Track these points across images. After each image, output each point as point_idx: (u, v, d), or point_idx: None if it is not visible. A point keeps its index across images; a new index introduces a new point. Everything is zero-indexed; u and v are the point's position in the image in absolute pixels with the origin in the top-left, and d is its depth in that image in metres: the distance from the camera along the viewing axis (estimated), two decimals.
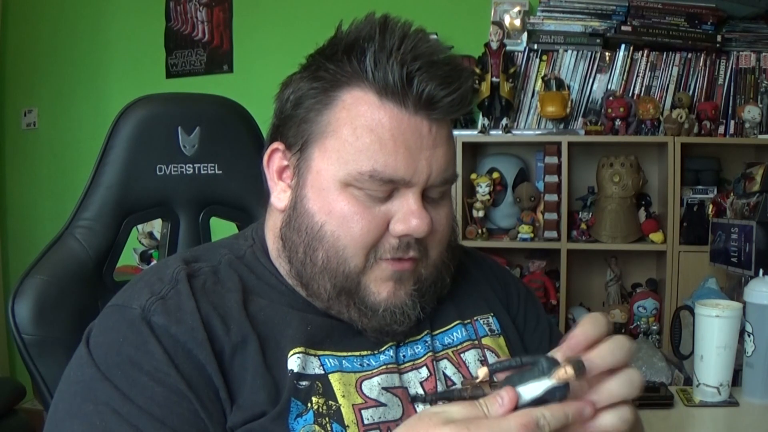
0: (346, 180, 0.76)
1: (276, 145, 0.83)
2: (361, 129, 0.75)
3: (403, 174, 0.75)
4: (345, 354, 0.79)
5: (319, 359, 0.77)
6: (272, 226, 0.85)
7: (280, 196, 0.83)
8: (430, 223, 0.77)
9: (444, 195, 0.81)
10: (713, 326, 1.34)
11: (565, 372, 0.57)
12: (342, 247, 0.77)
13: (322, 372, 0.76)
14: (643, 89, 2.56)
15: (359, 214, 0.76)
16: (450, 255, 0.85)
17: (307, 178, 0.79)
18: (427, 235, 0.78)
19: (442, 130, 0.78)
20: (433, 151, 0.76)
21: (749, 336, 1.37)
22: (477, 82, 2.51)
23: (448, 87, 0.75)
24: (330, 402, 0.74)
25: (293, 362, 0.75)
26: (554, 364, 0.58)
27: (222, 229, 1.16)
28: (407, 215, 0.76)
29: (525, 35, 2.63)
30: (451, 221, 0.83)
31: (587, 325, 0.62)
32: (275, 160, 0.83)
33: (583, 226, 2.50)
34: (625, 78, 2.57)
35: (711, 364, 1.34)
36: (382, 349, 0.81)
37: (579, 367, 0.57)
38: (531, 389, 0.58)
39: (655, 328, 2.45)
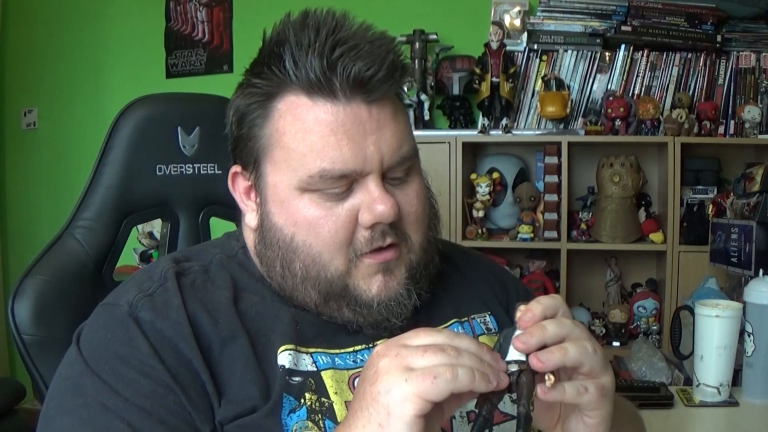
0: (300, 186, 0.75)
1: (234, 168, 0.83)
2: (301, 132, 0.75)
3: (353, 166, 0.74)
4: (338, 351, 0.79)
5: (312, 356, 0.77)
6: (250, 245, 0.85)
7: (251, 216, 0.83)
8: (396, 206, 0.76)
9: (410, 172, 0.80)
10: (713, 326, 1.34)
11: (518, 310, 0.64)
12: (317, 253, 0.77)
13: (315, 369, 0.76)
14: (643, 89, 2.56)
15: (324, 217, 0.76)
16: (434, 233, 0.84)
17: (267, 194, 0.79)
18: (398, 218, 0.77)
19: (385, 109, 0.76)
20: (379, 134, 0.75)
21: (749, 336, 1.37)
22: (477, 82, 2.51)
23: (374, 65, 0.73)
24: (323, 399, 0.74)
25: (283, 358, 0.75)
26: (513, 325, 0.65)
27: (222, 229, 1.15)
28: (371, 203, 0.75)
29: (525, 35, 2.63)
30: (424, 200, 0.82)
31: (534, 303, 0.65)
32: (239, 182, 0.84)
33: (583, 226, 2.50)
34: (625, 78, 2.57)
35: (711, 364, 1.34)
36: (377, 343, 0.81)
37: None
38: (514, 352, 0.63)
39: (655, 328, 2.45)
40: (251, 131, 0.78)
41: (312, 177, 0.74)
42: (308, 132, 0.74)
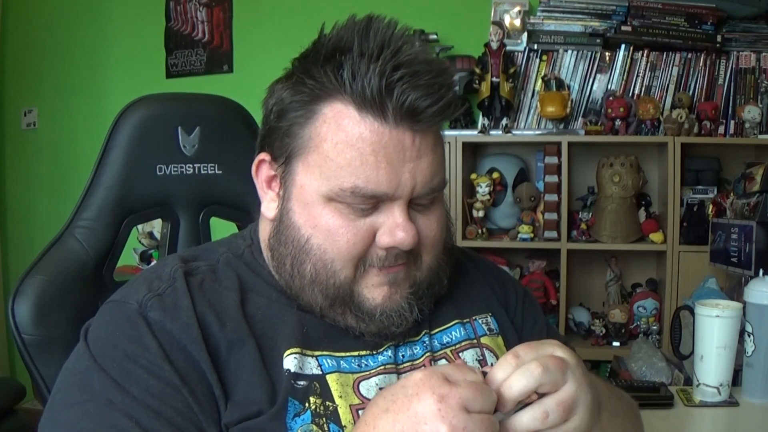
0: (329, 195, 0.76)
1: (263, 155, 0.83)
2: (342, 144, 0.74)
3: (385, 189, 0.74)
4: (343, 354, 0.79)
5: (317, 359, 0.77)
6: (263, 235, 0.85)
7: (269, 205, 0.83)
8: (416, 236, 0.77)
9: (434, 201, 0.80)
10: (713, 326, 1.34)
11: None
12: (330, 259, 0.77)
13: (320, 372, 0.76)
14: (643, 89, 2.56)
15: (344, 227, 0.76)
16: (446, 257, 0.85)
17: (292, 192, 0.79)
18: (416, 245, 0.77)
19: (427, 139, 0.76)
20: (416, 163, 0.75)
21: (749, 336, 1.37)
22: (477, 82, 2.51)
23: (430, 97, 0.73)
24: (327, 402, 0.75)
25: (289, 362, 0.75)
26: None
27: (222, 229, 1.16)
28: (393, 228, 0.76)
29: (525, 35, 2.63)
30: (443, 225, 0.82)
31: (496, 371, 0.64)
32: (263, 169, 0.83)
33: (583, 226, 2.50)
34: (625, 78, 2.57)
35: (711, 364, 1.34)
36: (381, 349, 0.81)
37: None
38: None
39: (655, 328, 2.45)
40: (291, 128, 0.78)
41: (343, 191, 0.74)
42: (349, 146, 0.74)
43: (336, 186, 0.75)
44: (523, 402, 0.64)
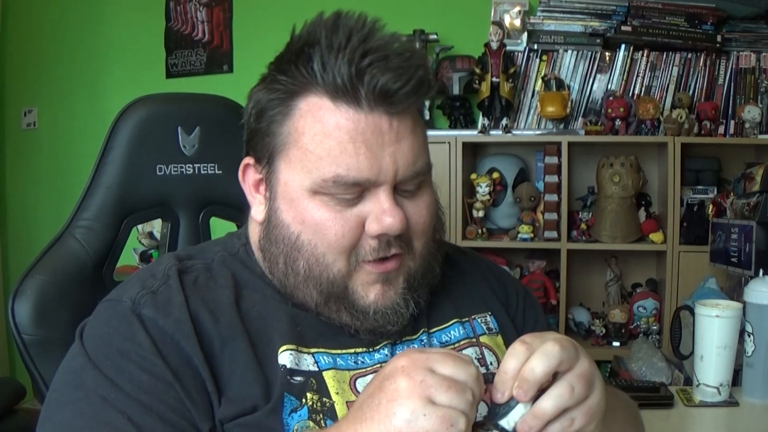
0: (313, 188, 0.76)
1: (247, 160, 0.83)
2: (320, 135, 0.75)
3: (367, 175, 0.74)
4: (339, 351, 0.79)
5: (313, 356, 0.77)
6: (253, 237, 0.85)
7: (258, 209, 0.83)
8: (404, 220, 0.76)
9: (421, 186, 0.80)
10: (713, 326, 1.34)
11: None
12: (321, 254, 0.77)
13: (317, 369, 0.77)
14: (643, 89, 2.56)
15: (332, 219, 0.76)
16: (436, 245, 0.84)
17: (278, 190, 0.79)
18: (405, 230, 0.77)
19: (405, 122, 0.76)
20: (396, 146, 0.75)
21: (749, 336, 1.37)
22: (477, 82, 2.51)
23: (401, 78, 0.73)
24: (324, 399, 0.75)
25: (284, 358, 0.75)
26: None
27: (222, 229, 1.16)
28: (380, 214, 0.75)
29: (525, 35, 2.63)
30: (432, 211, 0.82)
31: (508, 361, 0.64)
32: (249, 174, 0.84)
33: (583, 226, 2.50)
34: (625, 78, 2.57)
35: (711, 364, 1.34)
36: (378, 347, 0.82)
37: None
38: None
39: (655, 328, 2.45)
40: (270, 127, 0.78)
41: (326, 181, 0.74)
42: (327, 136, 0.74)
43: (318, 177, 0.75)
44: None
